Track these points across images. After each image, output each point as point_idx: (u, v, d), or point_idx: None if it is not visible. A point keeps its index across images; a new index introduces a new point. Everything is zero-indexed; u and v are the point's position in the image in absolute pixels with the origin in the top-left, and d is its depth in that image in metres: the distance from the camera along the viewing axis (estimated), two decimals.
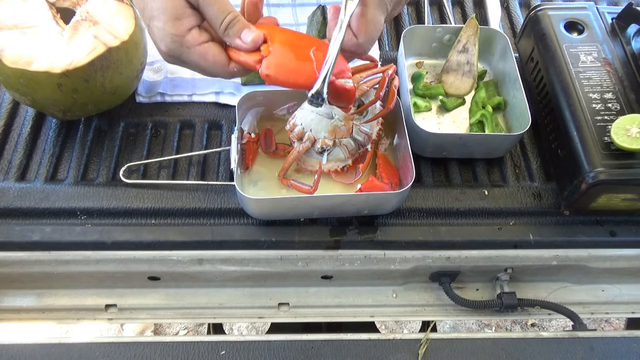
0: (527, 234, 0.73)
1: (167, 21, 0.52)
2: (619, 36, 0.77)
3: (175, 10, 0.52)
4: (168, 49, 0.53)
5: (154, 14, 0.52)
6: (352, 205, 0.68)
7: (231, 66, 0.54)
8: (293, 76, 0.54)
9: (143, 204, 0.72)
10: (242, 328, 1.70)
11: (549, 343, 0.66)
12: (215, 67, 0.54)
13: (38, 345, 0.63)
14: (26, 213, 0.71)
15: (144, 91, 0.82)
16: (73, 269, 0.72)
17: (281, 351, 0.64)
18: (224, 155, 0.77)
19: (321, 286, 0.79)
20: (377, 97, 0.71)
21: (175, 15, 0.52)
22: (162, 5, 0.52)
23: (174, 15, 0.52)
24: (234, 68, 0.54)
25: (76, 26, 0.70)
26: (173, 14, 0.52)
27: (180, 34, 0.52)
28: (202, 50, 0.53)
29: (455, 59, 0.84)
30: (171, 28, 0.52)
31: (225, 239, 0.70)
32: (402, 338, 0.66)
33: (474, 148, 0.76)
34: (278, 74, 0.53)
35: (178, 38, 0.52)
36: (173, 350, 0.63)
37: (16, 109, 0.80)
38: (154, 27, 0.53)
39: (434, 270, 0.76)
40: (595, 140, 0.68)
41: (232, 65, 0.54)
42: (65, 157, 0.76)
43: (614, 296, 0.81)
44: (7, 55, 0.66)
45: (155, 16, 0.52)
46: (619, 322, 1.72)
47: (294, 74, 0.54)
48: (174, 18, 0.52)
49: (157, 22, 0.52)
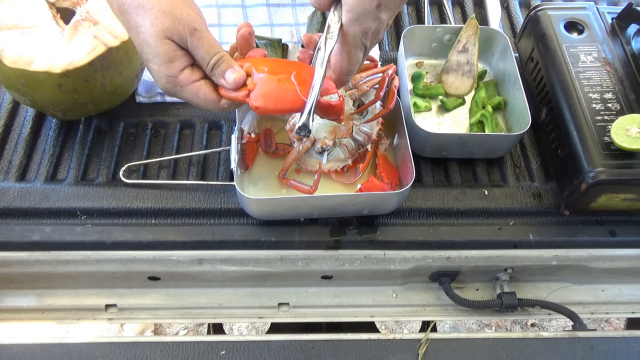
0: (527, 234, 0.73)
1: (161, 64, 0.56)
2: (619, 36, 0.77)
3: (167, 54, 0.56)
4: (165, 87, 0.57)
5: (149, 58, 0.56)
6: (352, 205, 0.68)
7: (222, 102, 0.58)
8: (280, 104, 0.57)
9: (143, 204, 0.72)
10: (242, 328, 1.70)
11: (549, 343, 0.66)
12: (207, 103, 0.58)
13: (38, 345, 0.63)
14: (26, 213, 0.71)
15: (144, 91, 0.82)
16: (73, 269, 0.72)
17: (281, 351, 0.64)
18: (224, 155, 0.77)
19: (321, 286, 0.79)
20: (377, 97, 0.71)
21: (168, 59, 0.56)
22: (155, 51, 0.56)
23: (166, 59, 0.56)
24: (224, 104, 0.58)
25: (76, 26, 0.70)
26: (165, 57, 0.56)
27: (173, 75, 0.56)
28: (194, 89, 0.57)
29: (455, 59, 0.84)
30: (165, 70, 0.56)
31: (225, 239, 0.70)
32: (402, 338, 0.66)
33: (474, 148, 0.76)
34: (266, 104, 0.56)
35: (172, 79, 0.56)
36: (173, 350, 0.63)
37: (16, 109, 0.80)
38: (151, 68, 0.57)
39: (434, 270, 0.76)
40: (595, 140, 0.68)
41: (222, 102, 0.58)
42: (65, 157, 0.76)
43: (614, 296, 0.81)
44: (7, 55, 0.66)
45: (150, 59, 0.56)
46: (619, 322, 1.72)
47: (281, 102, 0.57)
48: (167, 61, 0.56)
49: (152, 64, 0.57)
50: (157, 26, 0.55)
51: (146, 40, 0.56)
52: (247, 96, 0.57)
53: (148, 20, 0.55)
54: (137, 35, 0.57)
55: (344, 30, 0.55)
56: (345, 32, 0.55)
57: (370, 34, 0.56)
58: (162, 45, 0.55)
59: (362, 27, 0.55)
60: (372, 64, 0.76)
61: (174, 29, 0.55)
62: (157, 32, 0.55)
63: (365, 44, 0.57)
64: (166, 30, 0.55)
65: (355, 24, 0.54)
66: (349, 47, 0.56)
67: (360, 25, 0.55)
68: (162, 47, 0.55)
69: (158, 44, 0.55)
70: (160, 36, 0.55)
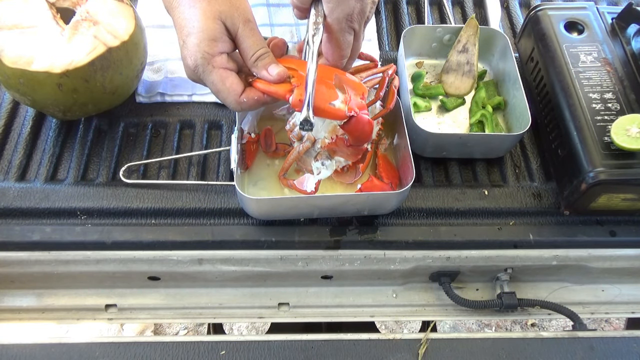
0: (527, 234, 0.73)
1: (204, 39, 0.56)
2: (619, 36, 0.77)
3: (214, 33, 0.56)
4: (196, 64, 0.56)
5: (193, 32, 0.56)
6: (352, 205, 0.68)
7: (242, 97, 0.58)
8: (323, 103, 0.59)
9: (143, 204, 0.72)
10: (242, 328, 1.70)
11: (549, 343, 0.66)
12: (230, 93, 0.57)
13: (38, 345, 0.63)
14: (26, 213, 0.71)
15: (144, 91, 0.82)
16: (73, 269, 0.72)
17: (281, 351, 0.64)
18: (224, 155, 0.77)
19: (321, 286, 0.79)
20: (377, 97, 0.71)
21: (213, 37, 0.56)
22: (203, 26, 0.56)
23: (211, 36, 0.56)
24: (244, 99, 0.58)
25: (76, 26, 0.70)
26: (211, 35, 0.56)
27: (212, 54, 0.56)
28: (224, 74, 0.57)
29: (455, 59, 0.84)
30: (206, 46, 0.56)
31: (225, 239, 0.70)
32: (402, 338, 0.66)
33: (474, 148, 0.76)
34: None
35: (209, 56, 0.56)
36: (173, 350, 0.63)
37: (16, 109, 0.80)
38: (190, 42, 0.57)
39: (434, 270, 0.76)
40: (595, 140, 0.68)
41: (242, 96, 0.58)
42: (65, 157, 0.76)
43: (614, 296, 0.81)
44: (7, 55, 0.66)
45: (193, 33, 0.56)
46: (619, 322, 1.72)
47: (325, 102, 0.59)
48: (211, 39, 0.56)
49: (193, 38, 0.56)
50: (214, 6, 0.56)
51: (196, 15, 0.56)
52: (288, 92, 0.57)
53: (205, 0, 0.56)
54: (188, 9, 0.57)
55: (327, 21, 0.56)
56: (330, 21, 0.56)
57: (355, 15, 0.57)
58: (212, 23, 0.56)
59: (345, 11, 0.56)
60: (372, 64, 0.76)
61: (229, 12, 0.57)
62: (212, 10, 0.56)
63: (353, 26, 0.58)
64: (222, 12, 0.56)
65: (336, 10, 0.56)
66: (335, 34, 0.57)
67: (343, 10, 0.56)
68: (212, 25, 0.56)
69: (209, 21, 0.56)
70: (213, 15, 0.56)
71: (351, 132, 0.61)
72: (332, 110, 0.59)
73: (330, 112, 0.59)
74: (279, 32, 0.89)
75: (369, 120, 0.61)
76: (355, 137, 0.61)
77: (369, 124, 0.61)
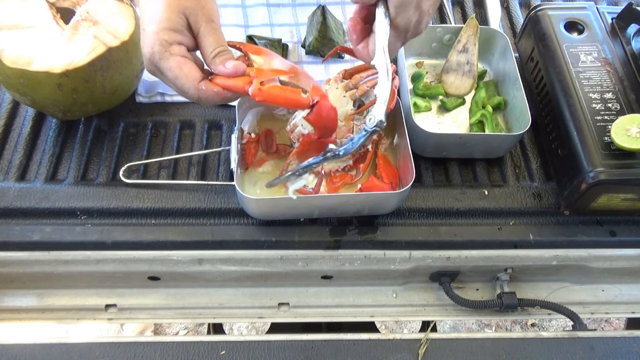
0: (527, 234, 0.73)
1: (164, 29, 0.56)
2: (619, 36, 0.77)
3: (175, 25, 0.56)
4: (152, 51, 0.56)
5: (154, 21, 0.56)
6: (352, 205, 0.68)
7: (200, 84, 0.57)
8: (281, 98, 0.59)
9: (143, 204, 0.72)
10: (242, 328, 1.70)
11: (549, 343, 0.66)
12: (188, 78, 0.57)
13: (38, 345, 0.63)
14: (26, 213, 0.71)
15: (144, 91, 0.82)
16: (73, 269, 0.72)
17: (281, 351, 0.64)
18: (224, 155, 0.77)
19: (321, 286, 0.79)
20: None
21: (173, 28, 0.56)
22: (165, 16, 0.56)
23: (172, 27, 0.56)
24: (203, 86, 0.57)
25: (76, 26, 0.70)
26: (172, 26, 0.56)
27: (170, 42, 0.56)
28: (181, 60, 0.57)
29: (455, 59, 0.84)
30: (165, 34, 0.56)
31: (225, 239, 0.70)
32: (402, 338, 0.66)
33: (474, 148, 0.76)
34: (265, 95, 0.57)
35: (166, 43, 0.56)
36: (173, 350, 0.63)
37: (16, 109, 0.80)
38: (149, 30, 0.57)
39: (434, 270, 0.76)
40: (595, 140, 0.68)
41: (201, 84, 0.57)
42: (65, 157, 0.76)
43: (614, 296, 0.81)
44: (7, 55, 0.66)
45: (152, 22, 0.56)
46: (619, 322, 1.72)
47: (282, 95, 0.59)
48: (170, 29, 0.56)
49: (151, 26, 0.56)
50: (179, 3, 0.57)
51: (160, 7, 0.56)
52: (247, 83, 0.57)
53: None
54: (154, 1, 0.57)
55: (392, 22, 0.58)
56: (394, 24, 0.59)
57: (412, 24, 0.59)
58: (175, 16, 0.56)
59: (405, 18, 0.58)
60: None
61: (193, 9, 0.57)
62: (177, 4, 0.56)
63: (407, 35, 0.60)
64: (187, 8, 0.57)
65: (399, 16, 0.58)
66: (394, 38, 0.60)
67: (404, 17, 0.58)
68: (175, 17, 0.56)
69: (173, 13, 0.56)
70: (178, 9, 0.56)
71: (315, 121, 0.61)
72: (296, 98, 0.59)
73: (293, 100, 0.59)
74: (278, 32, 0.89)
75: (332, 106, 0.61)
76: (322, 126, 0.61)
77: (333, 110, 0.61)
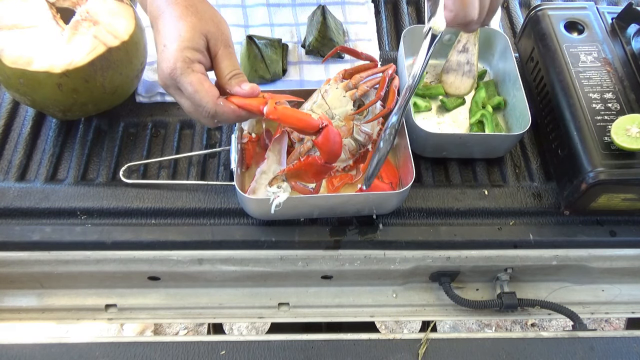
0: (527, 234, 0.73)
1: (188, 48, 0.58)
2: (619, 36, 0.77)
3: (198, 45, 0.59)
4: (175, 66, 0.58)
5: (178, 39, 0.58)
6: (352, 205, 0.68)
7: (218, 100, 0.59)
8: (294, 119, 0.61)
9: (143, 204, 0.72)
10: (242, 328, 1.70)
11: (549, 343, 0.66)
12: (207, 93, 0.59)
13: (38, 345, 0.63)
14: (26, 213, 0.71)
15: (144, 91, 0.82)
16: (73, 269, 0.72)
17: (281, 351, 0.64)
18: (224, 155, 0.77)
19: (321, 286, 0.79)
20: (378, 97, 0.71)
21: (195, 48, 0.59)
22: (189, 36, 0.59)
23: (194, 47, 0.59)
24: (221, 102, 0.59)
25: (76, 26, 0.70)
26: (196, 46, 0.59)
27: (192, 60, 0.58)
28: (202, 77, 0.59)
29: (455, 59, 0.84)
30: (188, 52, 0.58)
31: (225, 239, 0.70)
32: (402, 338, 0.66)
33: (474, 148, 0.76)
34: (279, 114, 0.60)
35: (189, 60, 0.58)
36: (173, 350, 0.63)
37: (16, 109, 0.80)
38: (172, 47, 0.58)
39: (434, 270, 0.76)
40: (595, 140, 0.68)
41: (219, 99, 0.59)
42: (65, 157, 0.76)
43: (614, 296, 0.81)
44: (7, 55, 0.66)
45: (178, 41, 0.58)
46: (619, 322, 1.72)
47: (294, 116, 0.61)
48: (193, 48, 0.59)
49: (173, 44, 0.58)
50: (202, 26, 0.60)
51: (184, 27, 0.59)
52: (262, 104, 0.60)
53: (195, 17, 0.60)
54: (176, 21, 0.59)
55: None
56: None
57: None
58: (198, 37, 0.59)
59: None
60: (372, 63, 0.76)
61: (214, 34, 0.60)
62: (201, 27, 0.59)
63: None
64: (208, 32, 0.60)
65: None
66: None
67: None
68: (198, 38, 0.59)
69: (196, 34, 0.59)
70: (200, 31, 0.59)
71: (324, 144, 0.61)
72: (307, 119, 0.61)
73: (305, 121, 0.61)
74: (278, 32, 0.89)
75: (338, 132, 0.63)
76: (328, 150, 0.62)
77: (339, 135, 0.62)
